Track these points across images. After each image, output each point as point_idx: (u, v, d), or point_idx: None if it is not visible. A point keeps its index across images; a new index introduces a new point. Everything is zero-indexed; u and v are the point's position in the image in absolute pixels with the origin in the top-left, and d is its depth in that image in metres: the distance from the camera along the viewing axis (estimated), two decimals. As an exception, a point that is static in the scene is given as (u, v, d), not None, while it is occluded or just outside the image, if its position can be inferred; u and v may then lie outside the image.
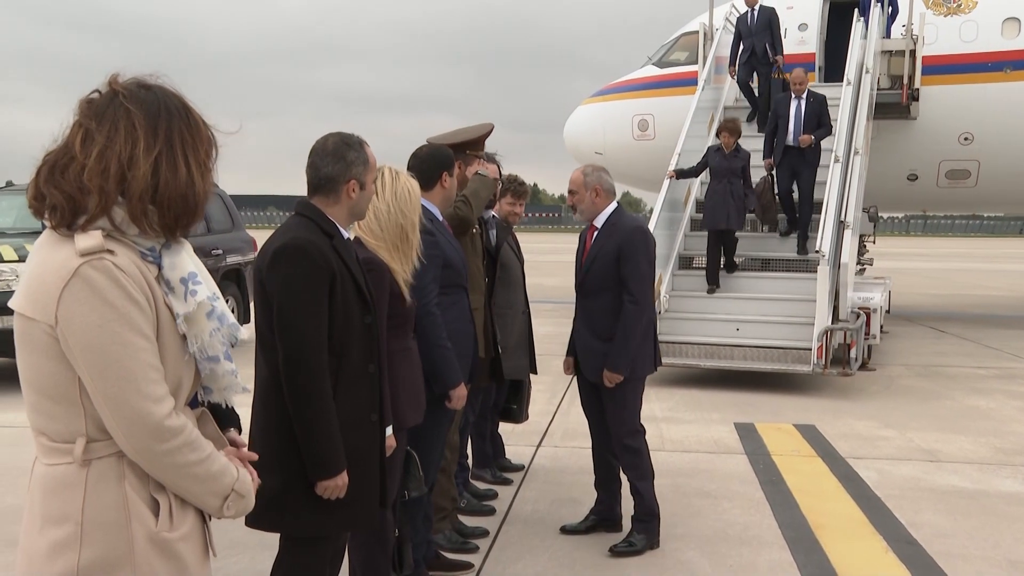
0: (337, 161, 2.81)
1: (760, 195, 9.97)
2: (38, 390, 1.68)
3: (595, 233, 4.57)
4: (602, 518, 4.70)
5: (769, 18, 11.90)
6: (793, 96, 10.07)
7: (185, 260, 1.79)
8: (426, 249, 3.58)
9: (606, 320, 4.46)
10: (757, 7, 11.97)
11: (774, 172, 10.07)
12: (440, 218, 3.88)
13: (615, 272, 4.42)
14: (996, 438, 6.86)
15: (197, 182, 1.75)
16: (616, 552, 4.38)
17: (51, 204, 1.67)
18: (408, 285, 3.24)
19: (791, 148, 9.90)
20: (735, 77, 12.28)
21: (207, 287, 1.79)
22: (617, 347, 4.39)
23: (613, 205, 4.60)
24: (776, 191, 10.14)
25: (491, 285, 4.84)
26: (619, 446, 4.52)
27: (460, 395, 3.72)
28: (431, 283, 3.63)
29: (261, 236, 3.01)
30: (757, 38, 11.83)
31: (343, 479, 2.67)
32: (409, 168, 3.88)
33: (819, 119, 9.91)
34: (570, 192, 4.63)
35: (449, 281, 3.80)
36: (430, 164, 3.86)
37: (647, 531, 4.47)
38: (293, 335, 2.63)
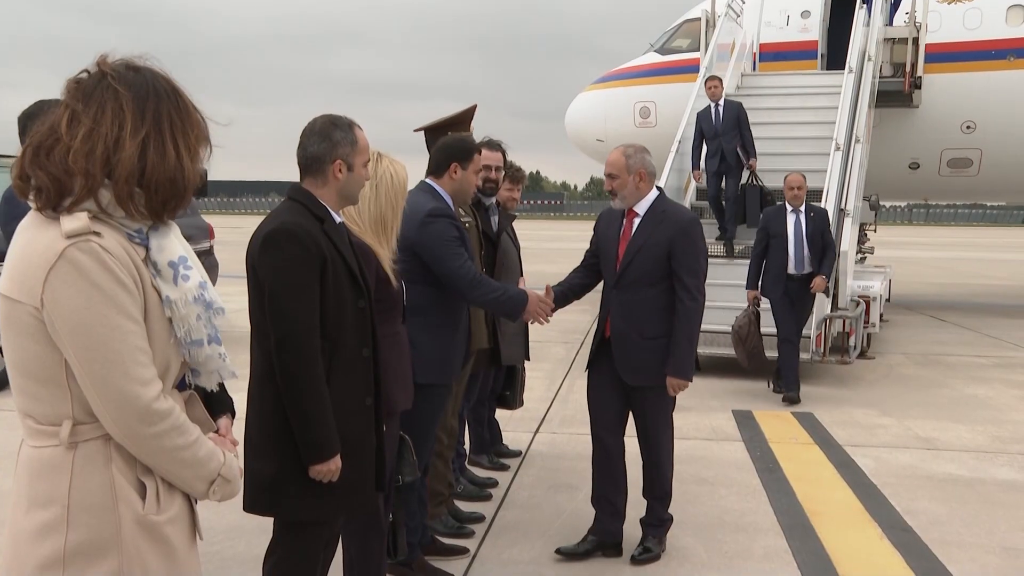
0: (323, 140, 2.79)
1: (745, 339, 7.69)
2: (24, 372, 1.68)
3: (636, 220, 4.15)
4: (601, 540, 4.27)
5: (737, 115, 10.05)
6: (789, 208, 7.72)
7: (174, 243, 1.78)
8: (448, 232, 3.70)
9: (651, 316, 4.07)
10: (722, 102, 10.14)
11: (758, 308, 7.82)
12: (452, 207, 3.89)
13: (664, 266, 4.04)
14: (994, 426, 6.86)
15: (186, 165, 1.74)
16: (637, 561, 4.16)
17: (36, 185, 1.66)
18: (393, 271, 3.25)
19: (793, 278, 7.66)
20: (699, 182, 10.59)
21: (198, 272, 1.79)
22: (680, 351, 4.03)
23: (655, 191, 4.19)
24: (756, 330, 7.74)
25: (492, 271, 4.84)
26: (658, 455, 4.24)
27: (534, 311, 3.96)
28: (467, 262, 3.75)
29: (259, 222, 2.99)
30: (725, 139, 9.96)
31: (337, 463, 2.67)
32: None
33: (823, 238, 7.65)
34: (609, 176, 4.15)
35: None
36: (442, 154, 3.92)
37: (660, 535, 4.29)
38: (284, 320, 2.62)
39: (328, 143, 2.79)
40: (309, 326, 2.64)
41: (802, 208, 7.66)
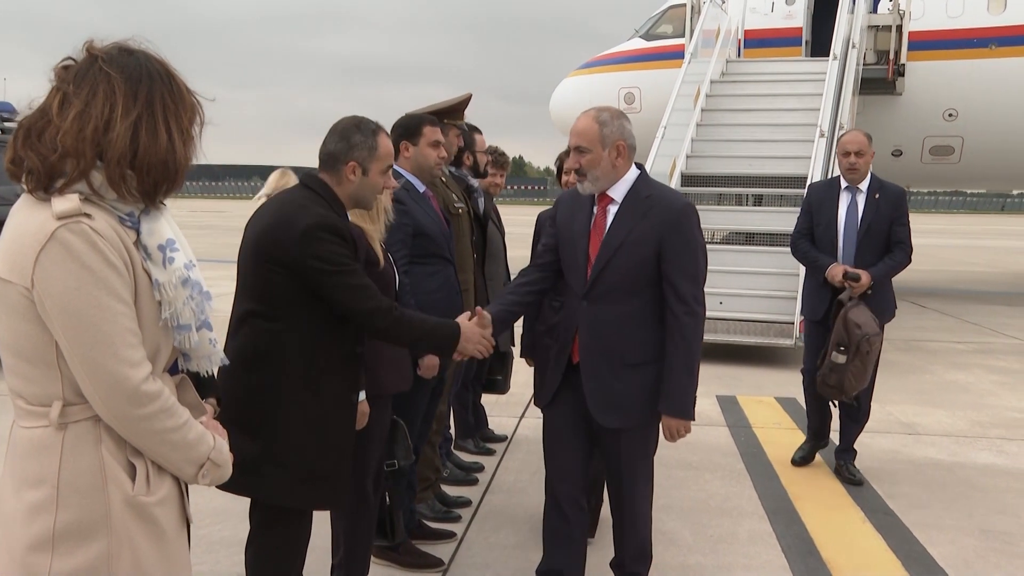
0: (341, 140, 2.81)
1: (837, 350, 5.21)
2: (15, 353, 1.67)
3: (611, 208, 3.11)
4: None
5: None
6: (843, 185, 5.18)
7: (163, 226, 1.77)
8: (396, 217, 3.60)
9: (635, 336, 3.07)
10: None
11: (850, 298, 5.01)
12: (420, 188, 3.86)
13: (652, 269, 3.04)
14: (974, 411, 6.94)
15: (178, 148, 1.73)
16: None
17: (28, 168, 1.66)
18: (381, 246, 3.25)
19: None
20: None
21: (184, 254, 1.78)
22: (677, 381, 3.02)
23: (635, 169, 3.14)
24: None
25: (481, 256, 4.82)
26: (633, 510, 3.22)
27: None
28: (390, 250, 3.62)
29: (243, 206, 2.96)
30: None
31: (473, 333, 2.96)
32: None
33: (890, 228, 5.04)
34: (577, 150, 3.07)
35: (425, 251, 3.78)
36: (393, 135, 3.86)
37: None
38: (362, 296, 2.69)
39: (345, 143, 2.80)
40: (376, 292, 2.74)
41: (863, 187, 5.13)
